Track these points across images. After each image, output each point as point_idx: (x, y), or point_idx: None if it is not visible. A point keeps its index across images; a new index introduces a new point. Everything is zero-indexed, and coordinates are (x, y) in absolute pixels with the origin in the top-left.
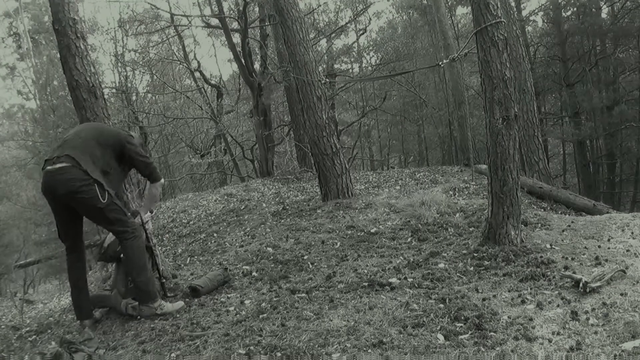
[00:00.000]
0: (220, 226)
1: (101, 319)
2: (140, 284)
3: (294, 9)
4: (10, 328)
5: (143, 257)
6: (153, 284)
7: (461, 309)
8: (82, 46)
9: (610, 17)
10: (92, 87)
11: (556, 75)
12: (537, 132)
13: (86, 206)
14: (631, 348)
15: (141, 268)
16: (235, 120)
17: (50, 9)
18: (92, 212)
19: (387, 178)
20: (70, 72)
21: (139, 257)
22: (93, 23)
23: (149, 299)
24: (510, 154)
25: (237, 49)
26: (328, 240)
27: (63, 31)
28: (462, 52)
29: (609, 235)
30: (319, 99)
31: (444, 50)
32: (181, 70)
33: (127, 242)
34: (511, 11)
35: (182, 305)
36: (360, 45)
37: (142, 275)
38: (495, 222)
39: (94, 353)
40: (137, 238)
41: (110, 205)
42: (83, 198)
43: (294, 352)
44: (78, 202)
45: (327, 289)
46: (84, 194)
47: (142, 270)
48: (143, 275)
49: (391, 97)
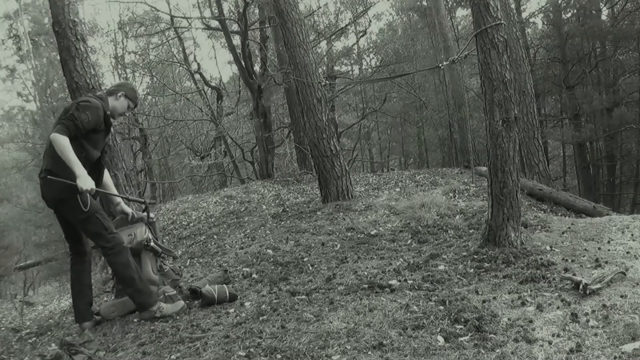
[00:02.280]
0: (220, 228)
1: (101, 321)
2: (131, 296)
3: (294, 11)
4: (10, 330)
5: (128, 270)
6: (145, 292)
7: (461, 311)
8: (82, 48)
9: (610, 19)
10: (92, 89)
11: (556, 77)
12: (537, 134)
13: (71, 215)
14: (631, 350)
15: (128, 280)
16: (235, 122)
17: (51, 11)
18: (77, 221)
19: (387, 180)
20: (70, 74)
21: (123, 272)
22: (93, 25)
23: (143, 309)
24: (510, 156)
25: (237, 51)
26: (328, 242)
27: (63, 33)
28: (462, 54)
29: (609, 237)
30: (319, 101)
31: (444, 52)
32: (181, 72)
33: (108, 257)
34: (511, 13)
35: (183, 306)
36: (360, 47)
37: (131, 288)
38: (495, 224)
39: (94, 355)
40: (116, 255)
41: (91, 217)
42: (66, 207)
43: (294, 354)
44: (65, 210)
45: (327, 291)
46: (67, 202)
47: (130, 282)
48: (131, 287)
49: (391, 99)
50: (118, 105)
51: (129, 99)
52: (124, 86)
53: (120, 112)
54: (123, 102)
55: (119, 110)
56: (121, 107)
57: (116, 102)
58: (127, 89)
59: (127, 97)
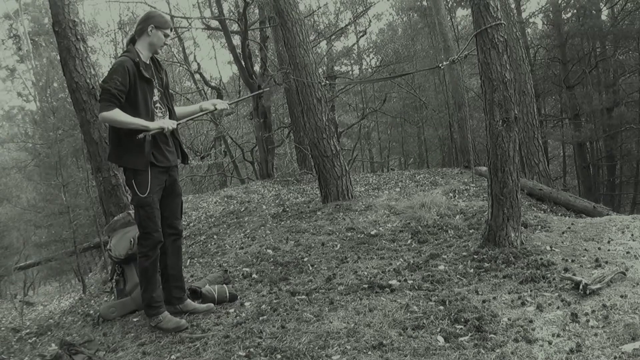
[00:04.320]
0: (220, 228)
1: (99, 321)
2: (142, 297)
3: (294, 11)
4: (10, 330)
5: (144, 278)
6: (152, 302)
7: (461, 311)
8: (82, 48)
9: (610, 19)
10: (92, 89)
11: (556, 77)
12: (537, 134)
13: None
14: (631, 350)
15: (143, 285)
16: (235, 122)
17: (51, 11)
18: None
19: (387, 180)
20: (70, 74)
21: (140, 276)
22: (93, 25)
23: (148, 315)
24: (510, 156)
25: (237, 51)
26: (328, 242)
27: (63, 33)
28: (462, 54)
29: (609, 237)
30: (319, 101)
31: (444, 52)
32: (181, 72)
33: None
34: (511, 13)
35: (181, 325)
36: (360, 47)
37: (145, 292)
38: (495, 224)
39: (94, 355)
40: (142, 259)
41: (136, 207)
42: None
43: (294, 354)
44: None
45: (327, 291)
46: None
47: (144, 288)
48: (145, 292)
49: (391, 99)
50: (154, 41)
51: (160, 29)
52: (147, 20)
53: (160, 45)
54: (157, 34)
55: (157, 45)
56: (158, 40)
57: (148, 39)
58: (153, 20)
59: (157, 27)
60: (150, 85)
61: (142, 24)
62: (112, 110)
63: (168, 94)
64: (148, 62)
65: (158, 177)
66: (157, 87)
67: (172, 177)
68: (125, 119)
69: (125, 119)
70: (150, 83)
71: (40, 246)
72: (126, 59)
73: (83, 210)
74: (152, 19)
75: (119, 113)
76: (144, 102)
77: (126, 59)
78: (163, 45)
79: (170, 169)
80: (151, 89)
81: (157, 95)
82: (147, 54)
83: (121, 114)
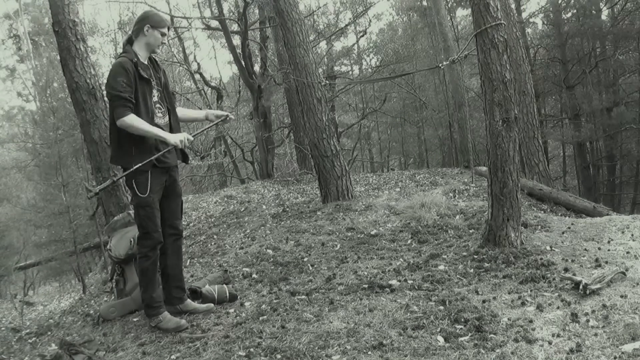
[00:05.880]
0: (220, 228)
1: (99, 321)
2: (142, 298)
3: (294, 11)
4: (10, 330)
5: (144, 278)
6: (151, 303)
7: (461, 311)
8: (82, 48)
9: (610, 19)
10: (92, 89)
11: (556, 77)
12: (537, 134)
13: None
14: (631, 350)
15: (143, 285)
16: (235, 122)
17: (51, 11)
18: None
19: (387, 180)
20: (70, 74)
21: (140, 277)
22: (93, 25)
23: (148, 315)
24: (510, 156)
25: (237, 50)
26: (328, 242)
27: (63, 33)
28: (462, 54)
29: (609, 237)
30: (318, 101)
31: (444, 52)
32: (181, 72)
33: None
34: (511, 13)
35: (181, 325)
36: (360, 47)
37: (145, 292)
38: (495, 224)
39: (94, 355)
40: (142, 259)
41: (136, 207)
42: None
43: (294, 354)
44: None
45: (327, 291)
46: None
47: (144, 288)
48: (144, 292)
49: (391, 99)
50: (151, 41)
51: (156, 28)
52: (143, 20)
53: (157, 45)
54: (153, 34)
55: (154, 44)
56: (155, 40)
57: (145, 39)
58: (149, 20)
59: (153, 27)
60: (149, 86)
61: (138, 24)
62: (129, 116)
63: (168, 93)
64: (146, 62)
65: (158, 178)
66: (156, 87)
67: (172, 177)
68: (145, 127)
69: (145, 127)
70: (149, 83)
71: (40, 246)
72: (124, 59)
73: (83, 210)
74: (148, 19)
75: (137, 119)
76: (143, 102)
77: (124, 59)
78: (160, 45)
79: (171, 169)
80: (150, 89)
81: (157, 95)
82: (144, 54)
83: (140, 121)
